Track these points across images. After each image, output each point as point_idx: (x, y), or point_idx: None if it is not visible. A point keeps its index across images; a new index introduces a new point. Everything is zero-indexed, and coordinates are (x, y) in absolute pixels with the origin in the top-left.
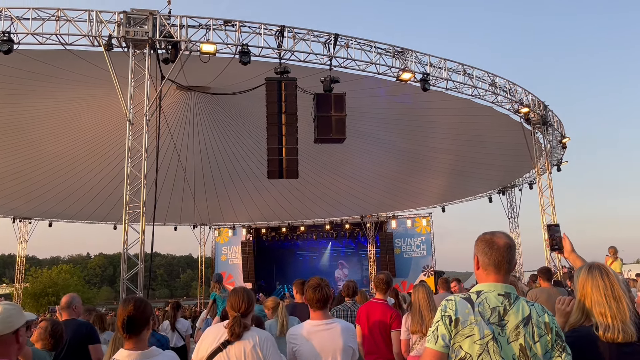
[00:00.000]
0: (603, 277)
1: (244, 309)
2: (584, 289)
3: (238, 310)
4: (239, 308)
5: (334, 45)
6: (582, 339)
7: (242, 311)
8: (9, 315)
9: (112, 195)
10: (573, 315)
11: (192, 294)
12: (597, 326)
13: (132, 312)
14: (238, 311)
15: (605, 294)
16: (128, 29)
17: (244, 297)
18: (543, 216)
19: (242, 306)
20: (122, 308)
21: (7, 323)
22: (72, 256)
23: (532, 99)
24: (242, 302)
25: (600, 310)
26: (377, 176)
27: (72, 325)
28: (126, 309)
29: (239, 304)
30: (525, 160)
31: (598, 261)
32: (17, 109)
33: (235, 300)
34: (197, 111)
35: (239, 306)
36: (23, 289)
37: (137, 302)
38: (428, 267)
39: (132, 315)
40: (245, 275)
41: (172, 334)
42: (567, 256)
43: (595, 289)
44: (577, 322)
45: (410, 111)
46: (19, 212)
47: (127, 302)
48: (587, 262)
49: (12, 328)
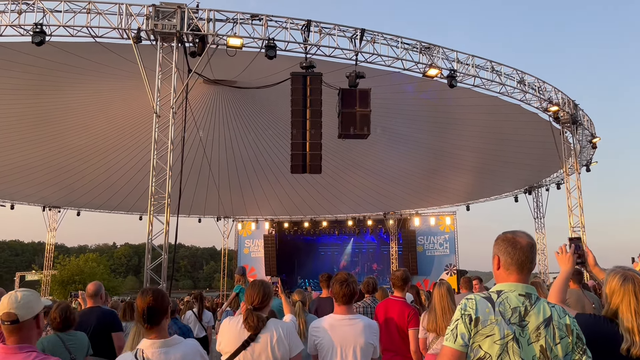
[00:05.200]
0: (637, 293)
1: (257, 302)
2: (613, 298)
3: (251, 303)
4: (252, 301)
5: (360, 40)
6: (605, 332)
7: (256, 304)
8: (28, 300)
9: (138, 186)
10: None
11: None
12: (622, 335)
13: (152, 302)
14: (251, 304)
15: (636, 311)
16: (156, 22)
17: (259, 291)
18: (570, 217)
19: (256, 299)
20: (141, 299)
21: (28, 308)
22: (99, 245)
23: (562, 97)
24: (257, 295)
25: (628, 326)
26: (401, 173)
27: (97, 312)
28: (145, 300)
29: (253, 297)
30: (553, 159)
31: (631, 269)
32: (49, 99)
33: (250, 293)
34: (222, 105)
35: (252, 299)
36: (51, 276)
37: (155, 293)
38: (451, 265)
39: (151, 305)
40: (267, 269)
41: (196, 324)
42: (591, 270)
43: (626, 305)
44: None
45: (436, 108)
46: (49, 200)
47: (145, 294)
48: (621, 269)
49: (33, 313)
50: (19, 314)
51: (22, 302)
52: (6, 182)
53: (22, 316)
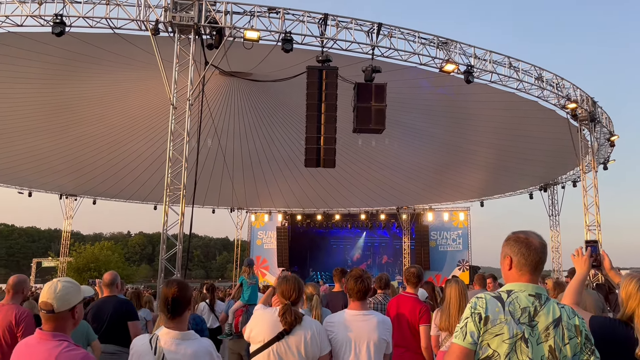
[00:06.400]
0: None
1: (294, 298)
2: (629, 302)
3: (289, 298)
4: (290, 296)
5: (377, 34)
6: (620, 335)
7: (293, 299)
8: (66, 293)
9: (154, 176)
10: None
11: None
12: (638, 339)
13: (176, 294)
14: (289, 299)
15: None
16: (174, 14)
17: (295, 286)
18: (586, 216)
19: (293, 295)
20: (166, 290)
21: (64, 301)
22: (114, 233)
23: (581, 95)
24: (294, 291)
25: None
26: (415, 168)
27: (113, 301)
28: (170, 291)
29: (290, 292)
30: (569, 157)
31: None
32: (67, 89)
33: (287, 288)
34: (238, 97)
35: (290, 294)
36: (67, 263)
37: (180, 285)
38: (463, 261)
39: (176, 297)
40: (280, 261)
41: (209, 314)
42: (607, 273)
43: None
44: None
45: (452, 103)
46: (66, 189)
47: (170, 285)
48: (637, 274)
49: (69, 305)
50: (56, 305)
51: (60, 294)
52: (25, 169)
53: (58, 307)
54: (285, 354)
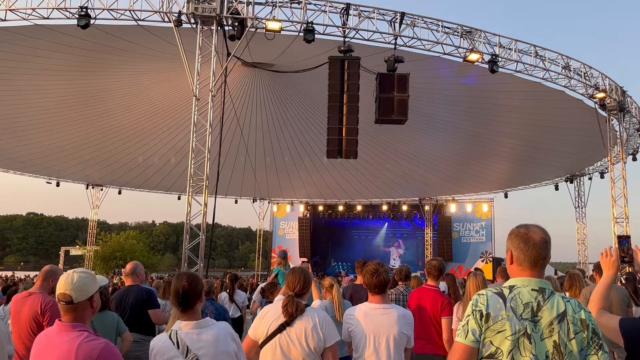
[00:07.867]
0: None
1: (298, 289)
2: None
3: (293, 289)
4: (294, 288)
5: (399, 24)
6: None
7: (297, 291)
8: (83, 283)
9: (177, 167)
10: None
11: (250, 266)
12: None
13: (186, 287)
14: (293, 290)
15: None
16: (197, 5)
17: (301, 277)
18: (614, 207)
19: (298, 286)
20: (176, 284)
21: (82, 291)
22: (139, 223)
23: (609, 84)
24: (298, 282)
25: None
26: (438, 158)
27: (135, 290)
28: (180, 285)
29: (295, 283)
30: (597, 147)
31: None
32: (92, 81)
33: (292, 279)
34: (260, 88)
35: (294, 286)
36: (94, 252)
37: (189, 278)
38: (486, 253)
39: (185, 290)
40: (302, 251)
41: (230, 304)
42: (638, 270)
43: None
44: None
45: (476, 93)
46: (92, 179)
47: (179, 278)
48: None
49: (87, 295)
50: (74, 295)
51: (77, 285)
52: (53, 160)
53: (76, 298)
54: (288, 347)
